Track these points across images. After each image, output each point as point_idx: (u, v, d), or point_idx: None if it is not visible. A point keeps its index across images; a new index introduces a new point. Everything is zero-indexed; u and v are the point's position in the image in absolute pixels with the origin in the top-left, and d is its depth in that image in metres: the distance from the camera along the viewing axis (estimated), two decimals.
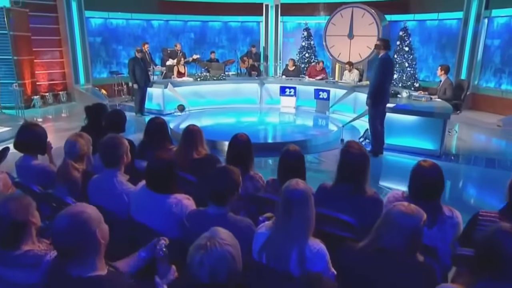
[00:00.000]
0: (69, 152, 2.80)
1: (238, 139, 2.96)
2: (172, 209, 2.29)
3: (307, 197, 1.87)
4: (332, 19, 11.53)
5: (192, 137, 3.23)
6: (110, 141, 2.59)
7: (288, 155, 2.71)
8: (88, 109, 3.90)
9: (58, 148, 3.36)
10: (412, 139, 6.41)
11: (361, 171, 2.49)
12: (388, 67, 6.00)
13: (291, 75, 10.49)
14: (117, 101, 10.81)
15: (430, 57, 11.09)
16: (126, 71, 11.74)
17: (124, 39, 12.24)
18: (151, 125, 3.51)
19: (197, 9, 12.67)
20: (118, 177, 2.57)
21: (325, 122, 8.82)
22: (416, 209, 1.71)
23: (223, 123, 8.42)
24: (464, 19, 9.74)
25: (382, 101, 6.13)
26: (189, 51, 12.63)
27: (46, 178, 2.97)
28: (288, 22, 13.28)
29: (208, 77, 9.85)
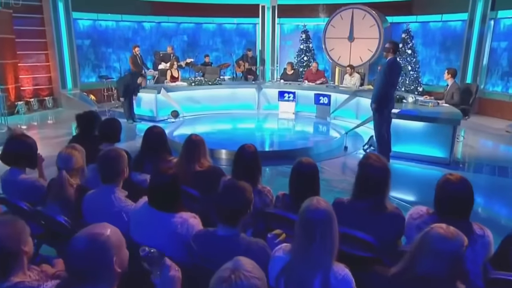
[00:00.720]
0: (64, 167, 2.66)
1: (245, 151, 2.85)
2: (177, 229, 2.17)
3: (331, 218, 1.75)
4: (331, 21, 11.55)
5: (194, 148, 3.12)
6: (109, 155, 2.47)
7: (301, 168, 2.60)
8: (79, 118, 3.77)
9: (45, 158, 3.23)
10: (419, 146, 6.35)
11: (382, 185, 2.39)
12: (396, 71, 5.97)
13: (289, 80, 10.44)
14: (107, 107, 10.67)
15: (433, 60, 11.09)
16: (116, 75, 11.73)
17: (114, 41, 12.12)
18: (149, 134, 3.38)
19: (190, 11, 12.60)
20: (116, 193, 2.44)
21: (326, 128, 8.74)
22: (455, 231, 1.60)
23: (219, 129, 8.32)
24: (469, 20, 9.75)
25: (387, 105, 6.08)
26: (182, 54, 12.54)
27: (35, 194, 2.84)
28: (285, 24, 13.26)
29: (203, 82, 9.75)
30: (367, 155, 2.53)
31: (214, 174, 3.11)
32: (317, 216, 1.72)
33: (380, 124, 6.17)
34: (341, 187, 5.30)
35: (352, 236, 2.32)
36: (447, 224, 1.70)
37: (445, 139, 6.11)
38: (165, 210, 2.21)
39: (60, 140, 7.63)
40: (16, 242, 1.61)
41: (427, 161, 6.23)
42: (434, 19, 10.81)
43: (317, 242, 1.71)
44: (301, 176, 2.58)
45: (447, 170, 6.07)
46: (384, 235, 2.34)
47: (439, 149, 6.19)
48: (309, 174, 2.59)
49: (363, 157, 2.54)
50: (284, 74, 10.78)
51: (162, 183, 2.23)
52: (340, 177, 5.82)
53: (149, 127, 3.47)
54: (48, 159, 3.28)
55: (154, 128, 3.42)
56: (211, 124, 8.73)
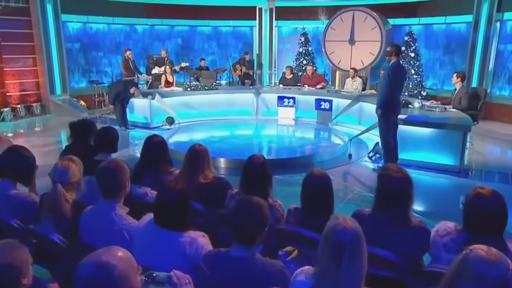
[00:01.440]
0: (59, 180, 2.53)
1: (254, 162, 2.75)
2: (185, 250, 2.05)
3: (360, 238, 1.64)
4: (331, 23, 11.52)
5: (198, 159, 3.01)
6: (110, 167, 2.35)
7: (313, 181, 2.49)
8: (73, 126, 3.65)
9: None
10: (428, 153, 6.29)
11: (405, 197, 2.29)
12: (400, 75, 5.95)
13: (288, 84, 10.37)
14: (98, 113, 10.56)
15: (437, 64, 11.08)
16: (108, 80, 11.61)
17: (105, 45, 12.02)
18: (149, 144, 3.27)
19: (184, 13, 12.54)
20: (117, 210, 2.32)
21: (328, 135, 8.67)
22: (498, 254, 1.50)
23: (216, 137, 8.22)
24: (474, 22, 9.75)
25: (394, 111, 6.03)
26: (176, 58, 12.48)
27: (27, 210, 2.71)
28: (283, 27, 13.23)
29: (199, 87, 9.66)
30: (387, 166, 2.44)
31: (220, 186, 3.00)
32: (345, 237, 1.61)
33: (386, 130, 6.11)
34: (348, 197, 5.21)
35: (374, 255, 2.22)
36: (479, 243, 1.60)
37: (454, 146, 6.05)
38: (173, 229, 2.09)
39: (49, 149, 7.50)
40: (16, 273, 1.48)
41: (436, 169, 6.16)
42: (438, 21, 10.81)
43: (346, 266, 1.60)
44: (314, 189, 2.48)
45: (458, 179, 6.08)
46: (408, 251, 2.25)
47: (448, 157, 6.13)
48: (322, 187, 2.49)
49: (382, 168, 2.45)
50: (283, 79, 10.71)
51: (169, 199, 2.11)
52: (347, 187, 5.73)
53: (148, 136, 3.36)
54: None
55: (154, 137, 3.31)
56: (208, 131, 8.63)
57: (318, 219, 2.46)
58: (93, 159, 3.33)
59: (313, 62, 12.33)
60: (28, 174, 2.80)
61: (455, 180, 5.95)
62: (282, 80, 10.69)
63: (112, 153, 3.44)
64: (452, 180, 5.97)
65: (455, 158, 6.07)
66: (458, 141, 6.00)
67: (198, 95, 9.59)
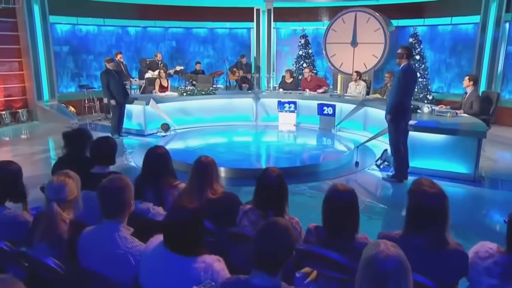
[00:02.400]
0: (55, 198, 2.38)
1: (269, 175, 2.60)
2: (200, 277, 1.89)
3: (406, 267, 1.50)
4: (332, 25, 11.47)
5: (206, 172, 2.86)
6: (114, 185, 2.20)
7: (337, 197, 2.34)
8: (67, 136, 3.50)
9: None
10: (440, 161, 6.18)
11: (440, 216, 2.15)
12: (411, 78, 5.88)
13: (288, 88, 10.27)
14: (88, 119, 10.40)
15: (443, 67, 11.03)
16: (98, 85, 11.43)
17: (95, 48, 11.86)
18: (151, 156, 3.12)
19: (179, 14, 12.43)
20: (121, 231, 2.16)
21: (332, 141, 8.55)
22: None
23: (214, 144, 8.09)
24: (482, 23, 9.71)
25: (404, 116, 5.94)
26: (170, 62, 12.35)
27: (18, 231, 2.56)
28: (282, 29, 13.15)
29: (195, 92, 9.52)
30: (419, 181, 2.28)
31: (230, 202, 2.86)
32: (390, 267, 1.47)
33: (396, 137, 6.01)
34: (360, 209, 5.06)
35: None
36: None
37: (468, 153, 5.94)
38: (185, 254, 1.94)
39: (37, 158, 7.31)
40: None
41: (448, 177, 6.02)
42: (443, 22, 10.77)
43: None
44: (338, 207, 2.33)
45: (472, 188, 5.97)
46: (444, 277, 2.10)
47: (462, 164, 6.02)
48: (347, 204, 2.34)
49: (414, 183, 2.30)
50: (283, 83, 10.61)
51: (181, 220, 1.96)
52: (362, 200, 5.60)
53: (151, 147, 3.21)
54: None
55: (157, 149, 3.16)
56: (205, 138, 8.50)
57: (342, 239, 2.34)
58: (89, 172, 3.20)
59: (313, 65, 12.25)
60: (16, 189, 2.65)
61: (469, 189, 5.84)
62: (282, 84, 10.58)
63: (110, 165, 3.29)
64: (466, 189, 5.86)
65: (469, 166, 5.96)
66: (472, 148, 5.89)
67: (194, 100, 9.46)
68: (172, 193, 3.05)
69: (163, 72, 9.90)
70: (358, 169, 6.80)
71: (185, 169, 6.21)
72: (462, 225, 4.77)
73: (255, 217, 2.63)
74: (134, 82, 10.80)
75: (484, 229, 4.71)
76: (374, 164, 6.92)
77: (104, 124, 10.08)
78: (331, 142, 8.55)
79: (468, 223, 4.90)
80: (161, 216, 2.93)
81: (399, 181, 6.05)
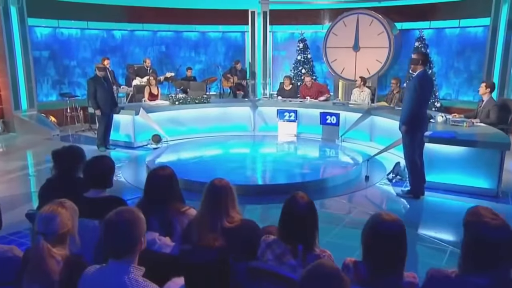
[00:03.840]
0: (43, 231, 2.14)
1: (298, 203, 2.38)
2: None
3: None
4: (333, 28, 11.39)
5: (221, 198, 2.63)
6: (122, 219, 1.96)
7: (383, 229, 2.11)
8: (57, 155, 3.26)
9: None
10: (459, 175, 6.01)
11: (506, 252, 1.94)
12: (428, 86, 5.74)
13: (287, 96, 10.11)
14: (71, 130, 10.13)
15: (451, 72, 10.96)
16: (81, 93, 11.19)
17: (78, 53, 11.60)
18: (154, 179, 2.88)
19: (168, 17, 12.27)
20: (131, 273, 1.92)
21: (338, 153, 8.36)
22: None
23: (209, 156, 7.87)
24: (492, 26, 9.66)
25: (421, 127, 5.79)
26: (160, 67, 12.16)
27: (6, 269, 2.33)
28: (278, 32, 13.04)
29: (188, 100, 9.29)
30: (478, 211, 2.08)
31: (250, 231, 2.62)
32: None
33: (412, 149, 5.83)
34: None
35: None
36: None
37: (491, 167, 5.78)
38: None
39: (14, 176, 6.99)
40: None
41: (469, 192, 5.87)
42: (450, 25, 10.72)
43: None
44: (384, 241, 2.11)
45: (496, 204, 5.77)
46: None
47: (483, 179, 5.85)
48: (396, 237, 2.12)
49: (472, 214, 2.09)
50: (281, 90, 10.45)
51: (207, 261, 1.72)
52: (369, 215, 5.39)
53: (153, 169, 2.97)
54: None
55: (161, 170, 2.91)
56: (200, 150, 8.25)
57: (387, 278, 2.11)
58: (82, 196, 2.96)
59: (312, 70, 12.12)
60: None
61: (493, 206, 5.54)
62: (280, 91, 10.43)
63: (106, 188, 3.05)
64: (489, 205, 5.62)
65: (492, 181, 5.79)
66: (495, 161, 5.73)
67: (187, 109, 9.24)
68: (180, 220, 2.81)
69: (153, 79, 9.67)
70: (369, 184, 6.60)
71: (180, 185, 6.17)
72: None
73: (281, 251, 2.40)
74: (122, 89, 10.55)
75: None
76: (385, 178, 6.74)
77: (88, 136, 9.81)
78: (336, 154, 8.35)
79: None
80: (168, 247, 2.70)
81: (415, 197, 5.88)
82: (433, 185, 6.08)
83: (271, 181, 6.65)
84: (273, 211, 5.19)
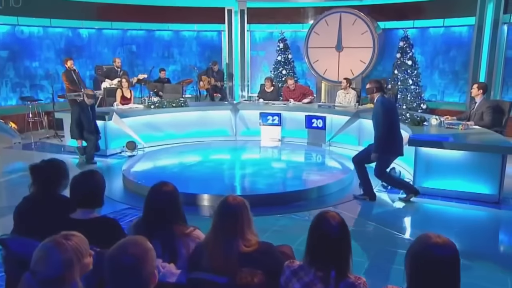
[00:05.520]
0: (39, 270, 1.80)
1: (329, 224, 2.15)
2: None
3: None
4: (315, 27, 11.32)
5: (236, 218, 2.37)
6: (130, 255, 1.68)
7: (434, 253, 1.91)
8: (37, 170, 2.92)
9: None
10: (458, 181, 5.94)
11: None
12: (391, 109, 5.86)
13: (269, 98, 9.94)
14: (34, 137, 9.62)
15: (435, 73, 11.01)
16: (45, 96, 10.73)
17: (40, 53, 11.07)
18: (157, 196, 2.61)
19: (140, 15, 11.92)
20: None
21: (326, 159, 8.21)
22: None
23: (189, 164, 7.56)
24: (478, 25, 9.74)
25: (393, 153, 5.88)
26: (130, 69, 11.77)
27: None
28: (256, 32, 12.89)
29: (164, 104, 8.97)
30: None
31: (270, 256, 2.38)
32: None
33: (384, 169, 6.00)
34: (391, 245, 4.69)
35: None
36: None
37: (491, 172, 5.72)
38: None
39: None
40: None
41: (469, 199, 5.82)
42: (434, 24, 10.77)
43: None
44: (433, 267, 1.91)
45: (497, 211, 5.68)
46: None
47: (484, 184, 5.79)
48: (447, 263, 1.92)
49: None
50: (262, 92, 10.27)
51: None
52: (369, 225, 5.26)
53: (154, 185, 2.68)
54: None
55: (164, 186, 2.64)
56: (179, 157, 7.94)
57: None
58: (68, 218, 2.67)
59: (293, 71, 11.98)
60: None
61: (494, 213, 5.61)
62: (262, 93, 10.24)
63: (96, 208, 2.76)
64: (490, 212, 5.63)
65: (493, 186, 5.73)
66: (496, 165, 5.67)
67: (164, 114, 8.93)
68: (186, 243, 2.55)
69: (125, 81, 9.28)
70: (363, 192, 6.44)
71: None
72: (485, 252, 4.54)
73: (310, 279, 2.17)
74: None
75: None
76: (380, 185, 6.60)
77: (54, 143, 9.35)
78: (324, 160, 8.19)
79: (491, 249, 4.72)
80: (173, 276, 2.42)
81: (414, 195, 5.91)
82: (430, 191, 6.03)
83: (253, 190, 6.32)
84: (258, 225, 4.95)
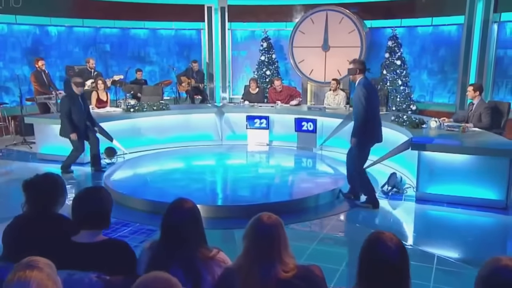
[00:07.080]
0: None
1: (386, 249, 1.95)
2: None
3: None
4: (300, 26, 11.21)
5: (272, 240, 2.14)
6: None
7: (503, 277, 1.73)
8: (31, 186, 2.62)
9: None
10: (463, 186, 5.86)
11: None
12: (373, 93, 5.80)
13: (254, 100, 9.78)
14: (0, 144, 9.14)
15: (424, 73, 11.05)
16: (11, 99, 10.31)
17: (5, 52, 10.63)
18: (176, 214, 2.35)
19: (113, 12, 11.59)
20: None
21: (318, 164, 8.08)
22: None
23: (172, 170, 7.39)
24: (467, 25, 9.78)
25: (372, 138, 5.81)
26: (104, 70, 11.39)
27: None
28: (238, 30, 12.72)
29: (144, 107, 8.66)
30: None
31: (310, 281, 2.16)
32: None
33: (361, 161, 5.87)
34: None
35: None
36: None
37: (498, 176, 5.65)
38: None
39: None
40: None
41: (475, 205, 5.74)
42: (423, 23, 10.80)
43: None
44: None
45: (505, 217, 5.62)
46: None
47: (490, 189, 5.72)
48: None
49: None
50: (247, 94, 10.11)
51: None
52: None
53: (173, 203, 2.40)
54: None
55: (184, 203, 2.38)
56: (162, 164, 7.72)
57: None
58: (71, 241, 2.40)
59: (278, 72, 11.84)
60: None
61: (502, 219, 5.55)
62: (246, 95, 10.09)
63: (103, 229, 2.49)
64: (498, 218, 5.57)
65: (500, 192, 5.66)
66: (503, 169, 5.61)
67: (144, 117, 8.64)
68: (210, 269, 2.31)
69: (101, 82, 8.93)
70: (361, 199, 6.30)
71: (142, 207, 5.16)
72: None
73: None
74: (60, 95, 9.66)
75: None
76: (380, 191, 6.49)
77: (21, 150, 8.91)
78: (317, 166, 8.06)
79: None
80: None
81: (375, 207, 5.83)
82: (434, 197, 5.95)
83: (237, 200, 6.06)
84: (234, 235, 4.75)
